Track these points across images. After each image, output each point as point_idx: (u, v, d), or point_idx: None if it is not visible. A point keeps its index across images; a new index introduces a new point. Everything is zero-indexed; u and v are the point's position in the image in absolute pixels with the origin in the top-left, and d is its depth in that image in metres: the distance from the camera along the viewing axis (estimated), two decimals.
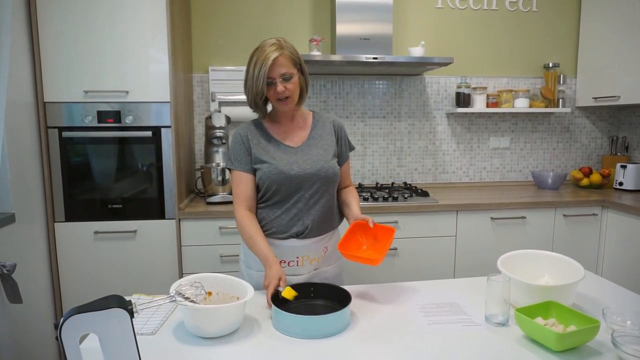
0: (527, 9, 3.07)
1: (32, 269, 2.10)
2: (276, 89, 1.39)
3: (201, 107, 2.84)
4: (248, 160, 1.47)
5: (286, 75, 1.39)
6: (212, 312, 1.12)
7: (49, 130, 2.19)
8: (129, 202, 2.28)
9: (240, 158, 1.48)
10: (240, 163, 1.48)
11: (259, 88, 1.38)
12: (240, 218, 1.46)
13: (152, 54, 2.20)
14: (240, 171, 1.48)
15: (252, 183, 1.48)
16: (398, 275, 2.47)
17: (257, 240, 1.41)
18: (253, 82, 1.39)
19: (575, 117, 3.21)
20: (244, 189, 1.48)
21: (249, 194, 1.48)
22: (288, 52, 1.40)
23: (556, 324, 1.13)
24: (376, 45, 2.63)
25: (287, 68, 1.39)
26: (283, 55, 1.38)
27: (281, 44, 1.39)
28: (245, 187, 1.47)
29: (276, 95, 1.41)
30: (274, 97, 1.42)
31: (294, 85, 1.42)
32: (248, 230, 1.43)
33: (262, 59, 1.36)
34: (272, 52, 1.36)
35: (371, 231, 1.47)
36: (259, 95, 1.40)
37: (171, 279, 2.32)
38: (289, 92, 1.40)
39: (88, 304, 0.93)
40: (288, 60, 1.40)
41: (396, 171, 3.08)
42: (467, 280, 1.57)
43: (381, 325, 1.23)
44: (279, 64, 1.37)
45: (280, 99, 1.41)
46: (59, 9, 2.11)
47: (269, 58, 1.35)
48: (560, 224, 2.60)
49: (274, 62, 1.36)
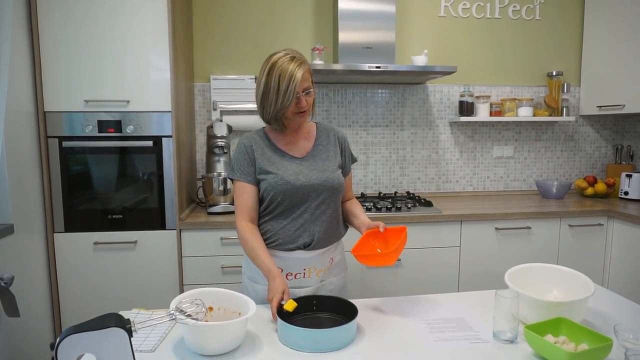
0: (530, 17, 3.06)
1: (31, 280, 2.07)
2: (299, 104, 1.40)
3: (203, 116, 2.83)
4: (251, 171, 1.46)
5: (308, 89, 1.41)
6: (213, 330, 1.09)
7: (49, 139, 2.18)
8: (130, 212, 2.26)
9: (243, 169, 1.46)
10: (242, 174, 1.46)
11: (287, 103, 1.37)
12: (242, 230, 1.44)
13: (153, 63, 2.19)
14: (243, 182, 1.46)
15: (254, 194, 1.47)
16: (402, 286, 2.44)
17: (259, 253, 1.39)
18: (279, 97, 1.37)
19: (579, 125, 3.19)
20: (246, 200, 1.46)
21: (251, 205, 1.46)
22: (307, 66, 1.41)
23: (567, 342, 1.09)
24: (379, 54, 2.62)
25: (308, 82, 1.41)
26: (307, 70, 1.40)
27: (301, 59, 1.40)
28: (247, 198, 1.46)
29: (297, 109, 1.41)
30: (294, 110, 1.41)
31: (312, 99, 1.44)
32: (250, 242, 1.41)
33: (288, 75, 1.35)
34: (297, 68, 1.36)
35: (382, 236, 1.46)
36: (282, 110, 1.39)
37: (172, 290, 2.29)
38: (308, 106, 1.43)
39: (85, 322, 0.90)
40: (308, 74, 1.42)
41: (399, 180, 3.05)
42: (473, 294, 1.54)
43: (387, 340, 1.20)
44: (304, 79, 1.39)
45: (300, 111, 1.42)
46: (60, 17, 2.11)
47: (296, 75, 1.35)
48: (566, 234, 2.56)
49: (301, 77, 1.37)
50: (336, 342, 1.15)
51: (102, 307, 2.24)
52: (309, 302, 1.33)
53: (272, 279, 1.33)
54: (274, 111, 1.40)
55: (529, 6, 3.04)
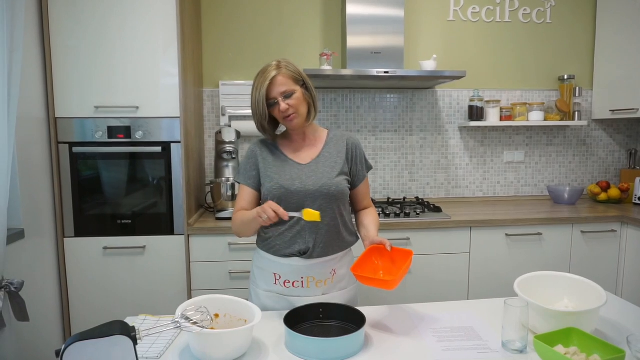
0: (541, 20, 3.03)
1: (42, 285, 2.09)
2: (279, 108, 1.41)
3: (211, 122, 2.84)
4: (252, 175, 1.49)
5: (287, 92, 1.40)
6: (219, 337, 1.09)
7: (60, 145, 2.20)
8: (139, 217, 2.27)
9: (246, 172, 1.51)
10: (244, 177, 1.51)
11: (261, 110, 1.41)
12: (234, 215, 1.49)
13: (162, 69, 2.20)
14: (243, 184, 1.51)
15: (251, 198, 1.51)
16: (410, 293, 2.42)
17: (245, 214, 1.43)
18: (256, 105, 1.41)
19: (591, 130, 3.15)
20: (241, 201, 1.51)
21: (245, 207, 1.50)
22: (286, 70, 1.41)
23: (578, 353, 1.07)
24: (387, 59, 2.61)
25: (286, 86, 1.40)
26: (281, 74, 1.40)
27: (279, 64, 1.42)
28: (242, 200, 1.51)
29: (281, 113, 1.42)
30: (280, 116, 1.43)
31: (297, 101, 1.42)
32: (239, 215, 1.46)
33: (259, 83, 1.40)
34: (269, 73, 1.39)
35: (388, 254, 1.40)
36: (263, 118, 1.42)
37: (180, 295, 2.30)
38: (293, 109, 1.42)
39: (90, 330, 0.90)
40: (287, 78, 1.41)
41: (408, 185, 3.04)
42: (482, 302, 1.51)
43: (394, 349, 1.19)
44: (278, 83, 1.39)
45: (285, 116, 1.42)
46: (70, 25, 2.13)
47: (266, 79, 1.38)
48: (578, 240, 2.52)
49: (271, 82, 1.39)
50: (344, 351, 1.14)
51: (111, 311, 2.25)
52: (316, 310, 1.33)
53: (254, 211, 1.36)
54: (259, 120, 1.44)
55: (540, 9, 3.01)
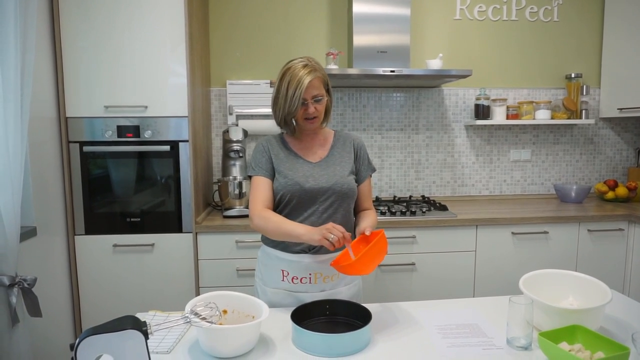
0: (548, 19, 3.02)
1: (53, 281, 2.13)
2: (307, 110, 1.43)
3: (219, 121, 2.87)
4: (269, 167, 1.50)
5: (317, 97, 1.44)
6: (228, 333, 1.11)
7: (71, 144, 2.24)
8: (147, 215, 2.30)
9: (261, 164, 1.51)
10: (261, 169, 1.50)
11: (293, 108, 1.41)
12: (259, 212, 1.43)
13: (170, 69, 2.23)
14: (261, 176, 1.49)
15: (270, 187, 1.49)
16: (416, 291, 2.43)
17: (285, 222, 1.39)
18: (286, 102, 1.42)
19: (599, 128, 3.13)
20: (263, 192, 1.47)
21: (268, 196, 1.47)
22: (320, 74, 1.44)
23: (582, 350, 1.08)
24: (393, 58, 2.62)
25: (318, 90, 1.44)
26: (316, 77, 1.42)
27: (314, 66, 1.43)
28: (263, 189, 1.48)
29: (305, 115, 1.45)
30: (303, 116, 1.45)
31: (323, 106, 1.47)
32: (272, 219, 1.41)
33: (296, 81, 1.39)
34: (306, 75, 1.39)
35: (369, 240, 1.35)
36: (290, 115, 1.44)
37: (188, 292, 2.33)
38: (317, 113, 1.45)
39: (103, 324, 0.92)
40: (320, 82, 1.44)
41: (414, 184, 3.04)
42: (487, 299, 1.52)
43: (399, 346, 1.20)
44: (313, 86, 1.42)
45: (308, 118, 1.45)
46: (81, 26, 2.16)
47: (304, 81, 1.39)
48: (585, 239, 2.52)
49: (309, 84, 1.40)
50: (350, 346, 1.16)
51: (120, 308, 2.29)
52: (322, 307, 1.34)
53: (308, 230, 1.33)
54: (283, 115, 1.45)
55: (547, 8, 3.00)
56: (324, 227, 1.29)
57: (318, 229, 1.31)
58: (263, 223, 1.42)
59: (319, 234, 1.29)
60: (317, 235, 1.29)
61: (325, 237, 1.27)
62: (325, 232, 1.27)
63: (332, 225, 1.29)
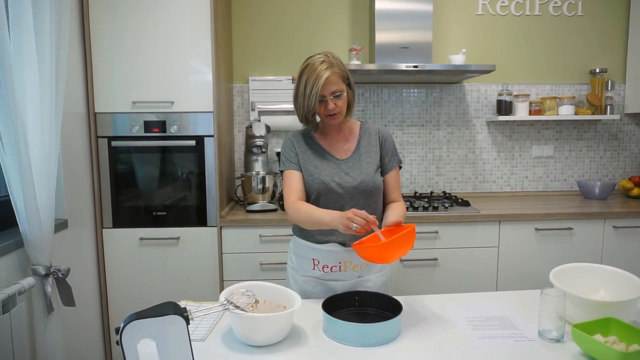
0: (572, 13, 2.98)
1: (82, 273, 2.18)
2: (327, 106, 1.43)
3: (241, 117, 2.90)
4: (298, 160, 1.52)
5: (337, 92, 1.43)
6: (262, 321, 1.13)
7: (99, 139, 2.29)
8: (172, 209, 2.34)
9: (291, 158, 1.53)
10: (291, 163, 1.52)
11: (312, 106, 1.42)
12: (293, 204, 1.44)
13: (196, 66, 2.26)
14: (292, 170, 1.51)
15: (302, 179, 1.50)
16: (438, 286, 2.43)
17: (314, 210, 1.39)
18: (305, 99, 1.42)
19: (624, 124, 3.09)
20: (295, 184, 1.49)
21: (300, 188, 1.49)
22: (338, 69, 1.43)
23: (617, 342, 1.08)
24: (416, 54, 2.62)
25: (337, 86, 1.43)
26: (334, 73, 1.41)
27: (331, 62, 1.42)
28: (297, 182, 1.50)
29: (326, 111, 1.45)
30: (324, 113, 1.46)
31: (344, 101, 1.46)
32: (303, 208, 1.41)
33: (313, 78, 1.39)
34: (323, 71, 1.39)
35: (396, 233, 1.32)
36: (310, 112, 1.44)
37: (212, 285, 2.36)
38: (338, 109, 1.44)
39: (146, 310, 0.95)
40: (338, 77, 1.43)
41: (435, 180, 3.04)
42: (514, 293, 1.52)
43: (430, 337, 1.21)
44: (330, 82, 1.41)
45: (329, 114, 1.45)
46: (109, 25, 2.21)
47: (321, 77, 1.38)
48: (610, 235, 2.49)
49: (326, 81, 1.39)
50: (381, 337, 1.17)
51: (145, 299, 2.33)
52: (351, 298, 1.36)
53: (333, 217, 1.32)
54: (304, 113, 1.45)
55: (571, 2, 2.97)
56: (345, 216, 1.26)
57: (340, 217, 1.28)
58: (295, 214, 1.44)
59: (342, 223, 1.26)
60: (340, 224, 1.27)
61: (348, 227, 1.25)
62: (347, 222, 1.24)
63: (354, 212, 1.25)
